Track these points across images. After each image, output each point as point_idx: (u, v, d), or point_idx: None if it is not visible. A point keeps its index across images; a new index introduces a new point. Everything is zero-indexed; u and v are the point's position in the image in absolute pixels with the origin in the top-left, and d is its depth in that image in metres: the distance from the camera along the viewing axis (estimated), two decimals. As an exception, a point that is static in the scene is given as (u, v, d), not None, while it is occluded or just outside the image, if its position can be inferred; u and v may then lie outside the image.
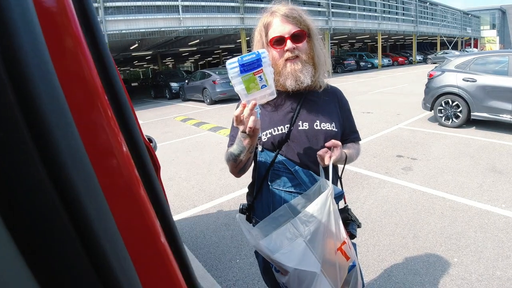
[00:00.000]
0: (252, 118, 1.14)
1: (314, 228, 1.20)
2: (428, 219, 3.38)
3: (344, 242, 1.27)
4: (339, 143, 1.30)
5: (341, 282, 1.27)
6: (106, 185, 0.36)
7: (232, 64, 1.14)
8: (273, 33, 1.32)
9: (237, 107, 1.40)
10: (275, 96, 1.21)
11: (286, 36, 1.30)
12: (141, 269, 0.40)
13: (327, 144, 1.30)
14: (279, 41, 1.32)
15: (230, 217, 3.76)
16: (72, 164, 0.31)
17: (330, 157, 1.26)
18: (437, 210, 3.56)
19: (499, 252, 2.76)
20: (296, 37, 1.31)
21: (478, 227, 3.16)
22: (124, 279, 0.34)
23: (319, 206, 1.21)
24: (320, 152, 1.28)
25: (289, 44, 1.30)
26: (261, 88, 1.15)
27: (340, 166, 1.47)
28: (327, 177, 1.30)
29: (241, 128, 1.19)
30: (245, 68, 1.13)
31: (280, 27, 1.31)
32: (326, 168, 1.32)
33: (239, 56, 1.15)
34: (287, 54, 1.32)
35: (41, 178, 0.29)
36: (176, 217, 3.88)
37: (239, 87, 1.16)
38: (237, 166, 1.37)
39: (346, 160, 1.38)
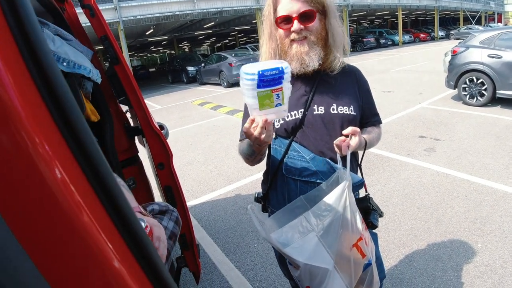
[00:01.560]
0: (263, 136, 1.07)
1: (328, 223, 1.15)
2: (452, 203, 3.28)
3: (360, 238, 1.21)
4: (358, 129, 1.22)
5: (356, 280, 1.23)
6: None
7: (249, 76, 1.01)
8: (281, 11, 1.23)
9: (243, 116, 1.34)
10: (287, 114, 1.13)
11: (294, 15, 1.21)
12: None
13: (344, 131, 1.21)
14: (285, 21, 1.23)
15: (248, 201, 3.76)
16: None
17: (348, 146, 1.19)
18: (461, 193, 3.45)
19: (527, 237, 2.66)
20: (304, 17, 1.22)
21: (504, 211, 3.04)
22: None
23: (334, 199, 1.16)
24: (337, 142, 1.20)
25: (296, 25, 1.21)
26: (275, 106, 1.04)
27: (359, 153, 1.40)
28: (345, 165, 1.24)
29: (251, 139, 1.11)
30: (264, 83, 1.00)
31: (288, 5, 1.21)
32: (344, 156, 1.26)
33: (259, 66, 1.01)
34: (293, 35, 1.24)
35: None
36: (195, 201, 3.92)
37: (251, 101, 1.04)
38: (250, 161, 1.34)
39: (365, 146, 1.30)
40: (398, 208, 3.30)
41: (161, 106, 11.09)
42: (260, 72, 0.99)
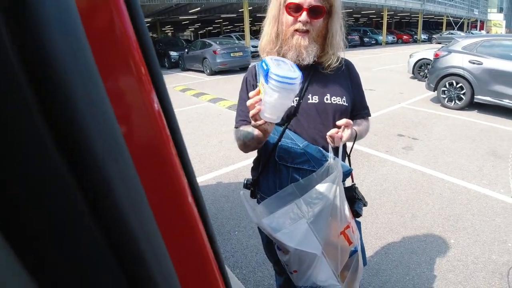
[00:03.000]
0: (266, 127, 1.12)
1: (318, 210, 1.18)
2: (427, 200, 3.40)
3: (347, 226, 1.25)
4: (351, 121, 1.25)
5: (342, 265, 1.27)
6: (141, 168, 0.32)
7: (293, 80, 1.00)
8: None
9: (239, 104, 1.35)
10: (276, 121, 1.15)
11: (305, 6, 1.21)
12: (179, 264, 0.37)
13: (338, 123, 1.24)
14: (295, 9, 1.23)
15: (229, 189, 3.76)
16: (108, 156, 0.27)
17: (341, 138, 1.22)
18: (436, 191, 3.57)
19: (496, 237, 2.79)
20: (313, 12, 1.23)
21: (476, 210, 3.17)
22: (160, 277, 0.31)
23: (325, 188, 1.19)
24: (330, 133, 1.23)
25: (303, 16, 1.22)
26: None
27: (348, 144, 1.43)
28: (336, 155, 1.27)
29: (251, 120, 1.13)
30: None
31: None
32: (335, 147, 1.28)
33: (296, 69, 1.06)
34: (298, 25, 1.24)
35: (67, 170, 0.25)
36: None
37: (286, 103, 1.06)
38: (246, 147, 1.34)
39: (356, 137, 1.33)
40: (375, 202, 3.38)
41: (142, 89, 10.86)
42: (300, 77, 1.03)
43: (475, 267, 2.46)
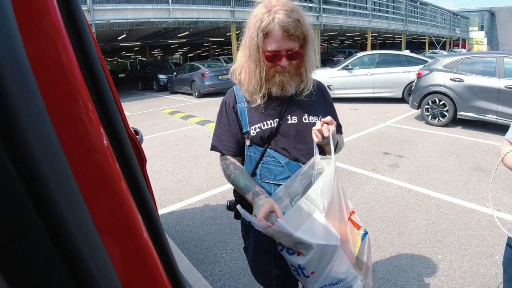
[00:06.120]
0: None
1: (328, 201, 1.18)
2: (413, 216, 3.42)
3: (352, 212, 1.30)
4: (334, 120, 1.30)
5: (356, 252, 1.28)
6: (82, 179, 0.33)
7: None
8: (271, 45, 1.25)
9: (217, 127, 1.46)
10: None
11: (283, 53, 1.26)
12: (121, 267, 0.37)
13: (323, 119, 1.29)
14: (275, 56, 1.27)
15: (216, 211, 3.73)
16: (44, 157, 0.28)
17: (329, 129, 1.26)
18: (422, 207, 3.59)
19: (483, 250, 2.80)
20: (292, 56, 1.28)
21: (463, 225, 3.20)
22: (101, 278, 0.31)
23: (329, 178, 1.20)
24: (317, 127, 1.27)
25: (283, 61, 1.28)
26: None
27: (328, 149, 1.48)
28: (321, 153, 1.36)
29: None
30: None
31: (279, 43, 1.24)
32: (320, 147, 1.36)
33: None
34: (278, 68, 1.30)
35: (8, 172, 0.26)
36: (162, 210, 3.84)
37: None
38: (231, 183, 1.43)
39: (336, 144, 1.38)
40: (362, 220, 3.38)
41: (130, 113, 10.86)
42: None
43: (464, 281, 2.46)
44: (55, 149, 0.30)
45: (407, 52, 11.42)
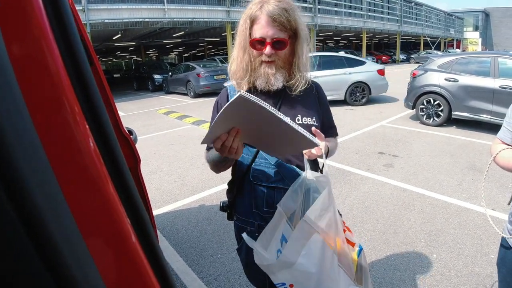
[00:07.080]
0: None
1: (325, 223, 1.17)
2: (408, 215, 3.42)
3: (344, 230, 1.28)
4: (322, 134, 1.27)
5: (354, 269, 1.27)
6: (66, 181, 0.32)
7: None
8: (256, 32, 1.26)
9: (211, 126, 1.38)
10: None
11: (268, 40, 1.25)
12: (107, 271, 0.36)
13: (314, 133, 1.25)
14: (259, 43, 1.27)
15: (212, 212, 3.72)
16: (25, 159, 0.27)
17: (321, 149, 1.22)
18: (417, 207, 3.60)
19: (478, 249, 2.81)
20: (277, 44, 1.26)
21: (457, 224, 3.21)
22: (84, 282, 0.30)
23: (327, 200, 1.18)
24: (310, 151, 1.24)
25: (268, 49, 1.25)
26: None
27: (320, 161, 1.44)
28: (313, 169, 1.29)
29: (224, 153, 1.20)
30: None
31: (264, 29, 1.24)
32: (310, 161, 1.31)
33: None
34: (264, 57, 1.28)
35: None
36: (157, 211, 3.81)
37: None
38: (218, 168, 1.37)
39: (327, 153, 1.35)
40: (358, 220, 3.38)
41: (124, 113, 10.81)
42: None
43: (459, 280, 2.46)
44: (36, 150, 0.29)
45: (343, 53, 11.62)
